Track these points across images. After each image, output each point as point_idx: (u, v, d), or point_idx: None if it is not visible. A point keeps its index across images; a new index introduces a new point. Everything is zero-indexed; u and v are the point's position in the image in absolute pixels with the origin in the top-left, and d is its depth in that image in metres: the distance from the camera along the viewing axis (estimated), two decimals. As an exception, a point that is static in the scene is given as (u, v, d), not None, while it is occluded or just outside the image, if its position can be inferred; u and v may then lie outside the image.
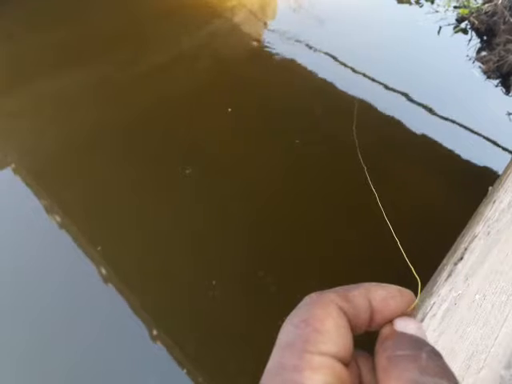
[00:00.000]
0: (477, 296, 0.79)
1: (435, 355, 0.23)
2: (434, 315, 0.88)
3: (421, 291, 0.33)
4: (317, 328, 0.23)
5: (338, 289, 0.26)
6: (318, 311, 0.24)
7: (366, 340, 0.30)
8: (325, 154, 2.13)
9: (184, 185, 2.01)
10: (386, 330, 0.26)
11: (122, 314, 1.60)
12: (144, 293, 1.66)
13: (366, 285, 0.27)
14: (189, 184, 2.00)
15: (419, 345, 0.24)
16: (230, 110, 2.36)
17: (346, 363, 0.24)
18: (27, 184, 2.07)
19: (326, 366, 0.22)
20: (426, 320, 0.89)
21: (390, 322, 0.26)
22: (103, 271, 1.71)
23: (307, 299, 0.25)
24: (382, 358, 0.24)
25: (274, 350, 0.24)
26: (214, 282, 1.63)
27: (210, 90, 2.57)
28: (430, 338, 0.84)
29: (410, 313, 0.27)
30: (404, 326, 0.26)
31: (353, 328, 0.25)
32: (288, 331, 0.24)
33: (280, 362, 0.23)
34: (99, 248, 1.78)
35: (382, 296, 0.26)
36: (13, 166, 2.17)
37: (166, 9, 3.31)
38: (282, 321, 0.25)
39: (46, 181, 2.10)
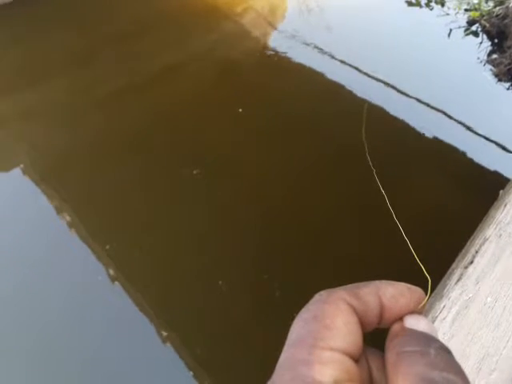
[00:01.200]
0: (488, 299, 0.78)
1: (444, 351, 0.23)
2: (444, 318, 0.87)
3: (431, 289, 0.33)
4: (327, 324, 0.23)
5: (348, 286, 0.26)
6: (328, 308, 0.24)
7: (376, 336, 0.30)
8: (335, 156, 2.12)
9: (191, 185, 2.01)
10: (395, 327, 0.26)
11: (130, 313, 1.61)
12: (151, 293, 1.67)
13: (376, 282, 0.27)
14: (196, 185, 2.01)
15: (428, 341, 0.24)
16: (240, 110, 2.37)
17: (355, 359, 0.24)
18: (37, 184, 2.10)
19: (335, 360, 0.22)
20: (436, 323, 0.88)
21: (401, 319, 0.26)
22: (111, 271, 1.72)
23: (317, 296, 0.26)
24: (391, 354, 0.24)
25: (285, 346, 0.24)
26: (220, 283, 1.63)
27: (220, 91, 2.58)
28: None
29: (419, 310, 0.27)
30: (414, 322, 0.26)
31: (363, 325, 0.25)
32: (298, 327, 0.24)
33: (291, 356, 0.23)
34: (107, 247, 1.79)
35: (392, 293, 0.26)
36: (22, 166, 2.20)
37: (176, 12, 3.34)
38: (291, 321, 0.25)
39: (55, 181, 2.12)
